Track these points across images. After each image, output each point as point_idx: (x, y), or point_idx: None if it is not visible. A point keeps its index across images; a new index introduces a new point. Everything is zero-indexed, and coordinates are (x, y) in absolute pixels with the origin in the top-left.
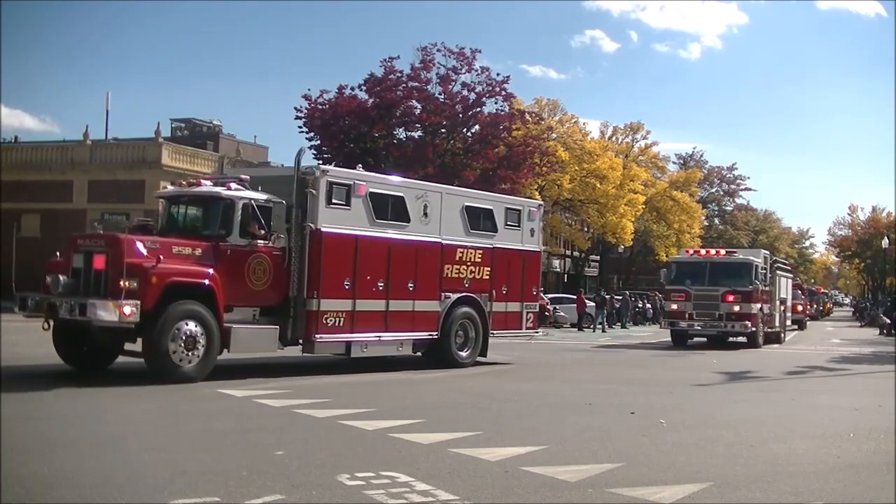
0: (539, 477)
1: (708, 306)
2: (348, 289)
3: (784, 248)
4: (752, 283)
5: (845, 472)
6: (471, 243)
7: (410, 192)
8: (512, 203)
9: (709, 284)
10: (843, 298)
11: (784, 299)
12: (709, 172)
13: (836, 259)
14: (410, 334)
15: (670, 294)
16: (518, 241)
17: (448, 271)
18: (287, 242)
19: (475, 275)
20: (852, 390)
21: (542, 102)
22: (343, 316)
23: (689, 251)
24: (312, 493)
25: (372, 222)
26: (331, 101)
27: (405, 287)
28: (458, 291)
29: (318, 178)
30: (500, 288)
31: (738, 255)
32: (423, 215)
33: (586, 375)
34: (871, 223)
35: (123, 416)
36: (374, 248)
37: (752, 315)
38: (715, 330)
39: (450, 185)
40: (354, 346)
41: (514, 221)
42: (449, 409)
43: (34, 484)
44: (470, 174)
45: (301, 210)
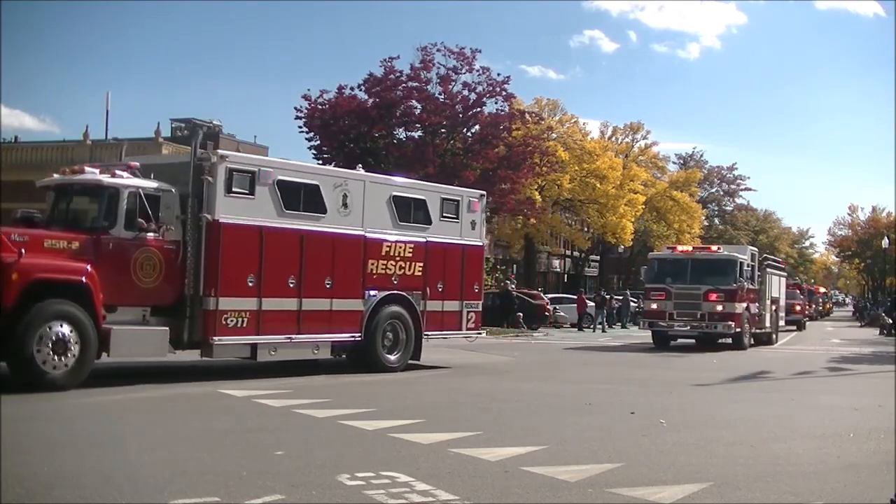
0: (539, 477)
1: (689, 305)
2: (253, 286)
3: (784, 248)
4: (737, 282)
5: (845, 472)
6: (400, 236)
7: (327, 181)
8: (448, 193)
9: (690, 283)
10: (844, 298)
11: (776, 299)
12: (709, 172)
13: (836, 259)
14: (328, 336)
15: (650, 293)
16: (456, 234)
17: (373, 267)
18: (182, 235)
19: (405, 271)
20: (852, 390)
21: (542, 102)
22: (247, 316)
23: (671, 248)
24: (312, 493)
25: (281, 213)
26: (331, 101)
27: (321, 284)
28: (386, 289)
29: (216, 164)
30: (436, 285)
31: (721, 252)
32: (343, 206)
33: (586, 375)
34: (871, 223)
35: (123, 416)
36: (283, 241)
37: (736, 315)
38: (696, 331)
39: (377, 174)
40: (261, 348)
41: (452, 213)
42: (449, 409)
43: (34, 484)
44: (470, 174)
45: (197, 199)
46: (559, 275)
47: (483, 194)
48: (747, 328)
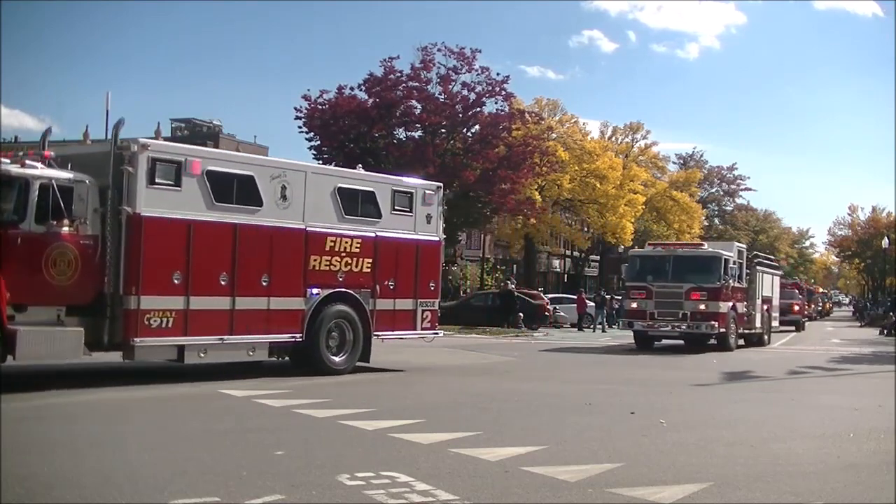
0: (539, 477)
1: (671, 304)
2: (179, 284)
3: (784, 248)
4: (721, 279)
5: (845, 472)
6: (345, 231)
7: (263, 171)
8: (400, 185)
9: (672, 280)
10: (844, 298)
11: (768, 298)
12: (709, 172)
13: (836, 259)
14: (265, 336)
15: (630, 291)
16: (410, 228)
17: (315, 263)
18: (101, 229)
19: (352, 267)
20: (852, 390)
21: (542, 102)
22: (172, 316)
23: (653, 244)
24: (312, 493)
25: (211, 206)
26: (330, 101)
27: (257, 282)
28: (330, 286)
29: (137, 153)
30: (386, 282)
31: (704, 248)
32: (281, 198)
33: (586, 375)
34: (871, 223)
35: (123, 416)
36: (214, 236)
37: (721, 315)
38: (678, 331)
39: (318, 165)
40: (189, 350)
41: (405, 206)
42: (449, 409)
43: (34, 484)
44: (470, 174)
45: (118, 191)
46: (559, 275)
47: (439, 186)
48: (733, 328)
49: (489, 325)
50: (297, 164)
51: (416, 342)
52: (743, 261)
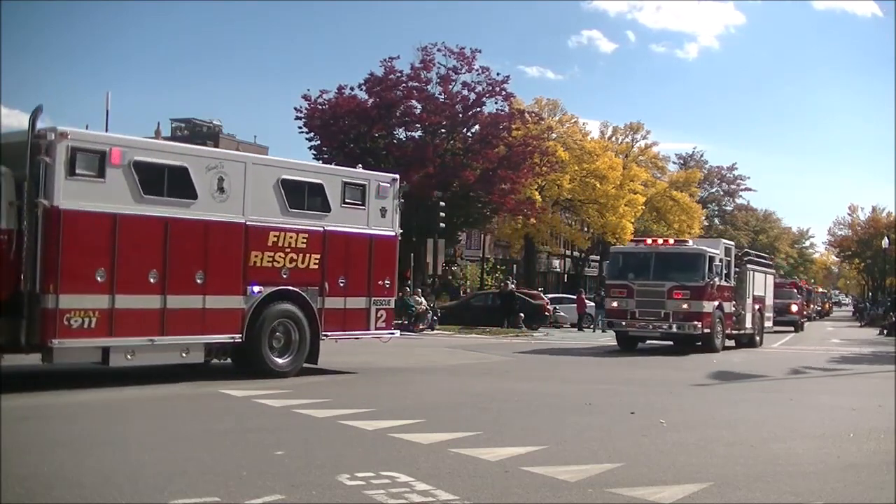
0: (539, 477)
1: (652, 304)
2: (103, 281)
3: (784, 248)
4: (705, 278)
5: (845, 472)
6: (290, 225)
7: (198, 162)
8: (352, 177)
9: (654, 279)
10: (844, 298)
11: (760, 297)
12: (709, 172)
13: (836, 259)
14: (200, 337)
15: (611, 290)
16: (363, 222)
17: (257, 259)
18: (18, 224)
19: (298, 264)
20: (852, 390)
21: (542, 102)
22: (95, 315)
23: (635, 240)
24: (312, 493)
25: (139, 198)
26: (330, 101)
27: (191, 279)
28: (273, 284)
29: (54, 142)
30: (336, 280)
31: (688, 245)
32: (218, 190)
33: (586, 375)
34: (871, 223)
35: (123, 416)
36: (142, 230)
37: (704, 314)
38: (659, 331)
39: (265, 155)
40: (114, 352)
41: (357, 199)
42: (449, 409)
43: (34, 484)
44: (470, 174)
45: (35, 183)
46: (559, 275)
47: (395, 178)
48: (720, 329)
49: (489, 325)
50: (235, 155)
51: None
52: (731, 258)
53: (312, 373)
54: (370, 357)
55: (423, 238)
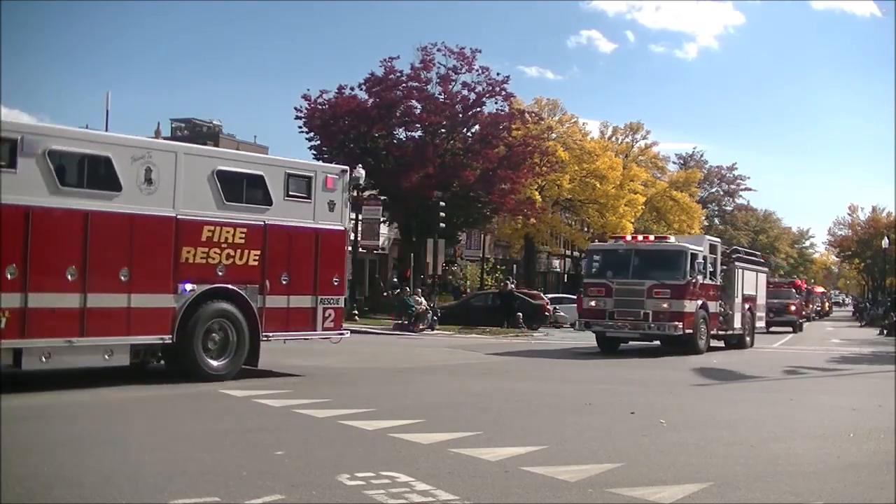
0: (539, 477)
1: (631, 303)
2: (14, 279)
3: (784, 248)
4: (687, 276)
5: (845, 472)
6: (227, 219)
7: (122, 152)
8: (296, 168)
9: (633, 277)
10: (844, 298)
11: (751, 297)
12: (709, 172)
13: (836, 259)
14: (124, 338)
15: (588, 288)
16: (308, 216)
17: (189, 255)
18: None
19: (236, 260)
20: (852, 390)
21: (542, 102)
22: (5, 315)
23: (614, 237)
24: (312, 493)
25: (55, 190)
26: (330, 101)
27: (115, 276)
28: (208, 282)
29: None
30: (279, 277)
31: (669, 242)
32: (146, 182)
33: (586, 375)
34: (871, 223)
35: (123, 416)
36: (58, 224)
37: (686, 314)
38: (638, 332)
39: (195, 145)
40: (28, 354)
41: (301, 192)
42: (449, 409)
43: (34, 484)
44: (470, 174)
45: None
46: (559, 275)
47: (345, 170)
48: (703, 330)
49: (489, 325)
50: (164, 144)
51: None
52: (717, 256)
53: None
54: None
55: (423, 238)
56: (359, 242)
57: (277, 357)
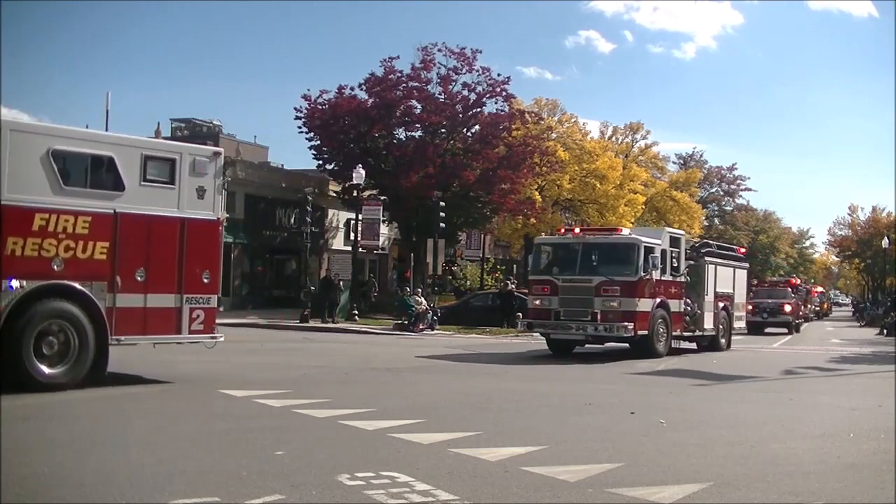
0: (539, 477)
1: (578, 302)
2: None
3: (784, 248)
4: (640, 271)
5: (845, 472)
6: (66, 206)
7: None
8: (156, 149)
9: (580, 273)
10: (844, 298)
11: (725, 294)
12: (709, 172)
13: (836, 259)
14: None
15: (534, 286)
16: (171, 204)
17: (16, 247)
18: None
19: (77, 253)
20: (852, 390)
21: (542, 102)
22: None
23: (562, 229)
24: (312, 493)
25: None
26: (330, 101)
27: None
28: (41, 277)
29: None
30: (133, 273)
31: (620, 235)
32: None
33: (586, 375)
34: (871, 223)
35: (123, 416)
36: None
37: (638, 314)
38: (582, 334)
39: (30, 122)
40: None
41: (162, 176)
42: (449, 409)
43: (34, 484)
44: (470, 174)
45: None
46: None
47: (218, 152)
48: (662, 331)
49: (489, 325)
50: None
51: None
52: (680, 250)
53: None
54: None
55: (423, 238)
56: (359, 242)
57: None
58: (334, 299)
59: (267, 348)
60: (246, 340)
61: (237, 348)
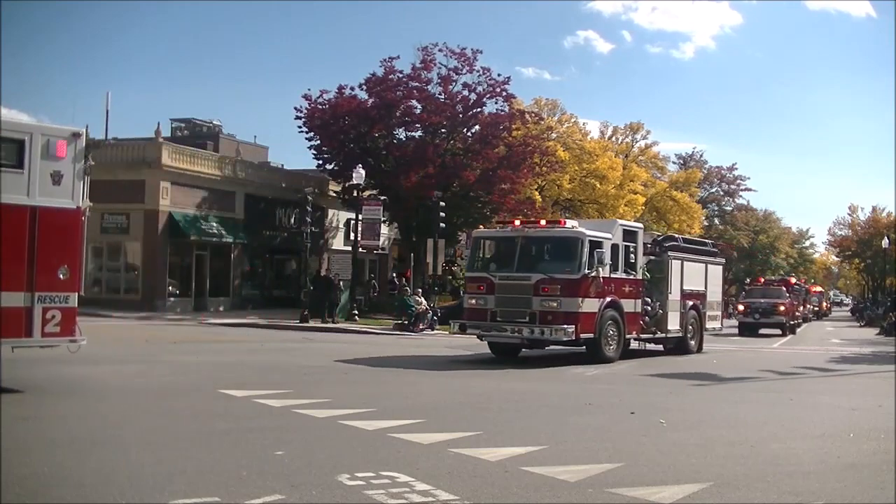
0: (539, 477)
1: (516, 302)
2: None
3: (784, 248)
4: (582, 268)
5: (845, 472)
6: None
7: None
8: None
9: (518, 270)
10: (844, 298)
11: (695, 292)
12: (709, 172)
13: (836, 259)
14: None
15: (469, 284)
16: (19, 190)
17: None
18: None
19: None
20: (852, 390)
21: (542, 102)
22: None
23: (501, 222)
24: (312, 493)
25: None
26: (331, 101)
27: None
28: None
29: None
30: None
31: (563, 228)
32: None
33: (586, 375)
34: (871, 223)
35: (123, 416)
36: None
37: (581, 315)
38: (518, 337)
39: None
40: None
41: (9, 159)
42: (449, 409)
43: (34, 484)
44: (470, 174)
45: None
46: None
47: (78, 133)
48: (613, 333)
49: None
50: None
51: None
52: (637, 244)
53: None
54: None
55: (423, 238)
56: (359, 242)
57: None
58: (334, 299)
59: (267, 348)
60: (246, 340)
61: (238, 348)
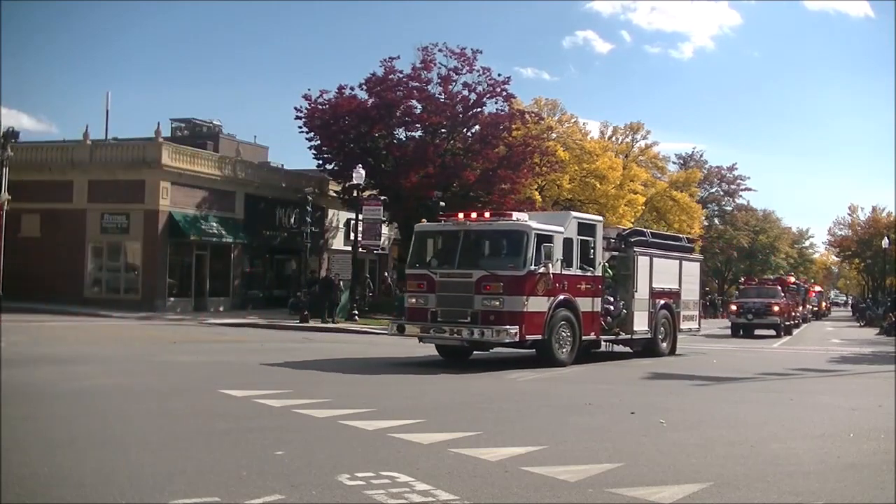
0: (539, 477)
1: (457, 300)
2: None
3: (784, 248)
4: (527, 264)
5: (845, 472)
6: None
7: None
8: None
9: (460, 266)
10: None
11: (667, 290)
12: (709, 172)
13: (836, 259)
14: None
15: (409, 282)
16: None
17: None
18: None
19: None
20: (852, 390)
21: (542, 102)
22: None
23: (444, 216)
24: (312, 493)
25: None
26: (331, 101)
27: None
28: None
29: None
30: None
31: (508, 221)
32: None
33: (586, 376)
34: (871, 223)
35: (123, 416)
36: None
37: (526, 315)
38: (458, 338)
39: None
40: None
41: None
42: (449, 409)
43: (34, 484)
44: (470, 174)
45: None
46: None
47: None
48: (566, 335)
49: None
50: None
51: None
52: (595, 238)
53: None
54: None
55: None
56: (360, 242)
57: None
58: (334, 299)
59: (267, 348)
60: (246, 340)
61: (240, 348)
